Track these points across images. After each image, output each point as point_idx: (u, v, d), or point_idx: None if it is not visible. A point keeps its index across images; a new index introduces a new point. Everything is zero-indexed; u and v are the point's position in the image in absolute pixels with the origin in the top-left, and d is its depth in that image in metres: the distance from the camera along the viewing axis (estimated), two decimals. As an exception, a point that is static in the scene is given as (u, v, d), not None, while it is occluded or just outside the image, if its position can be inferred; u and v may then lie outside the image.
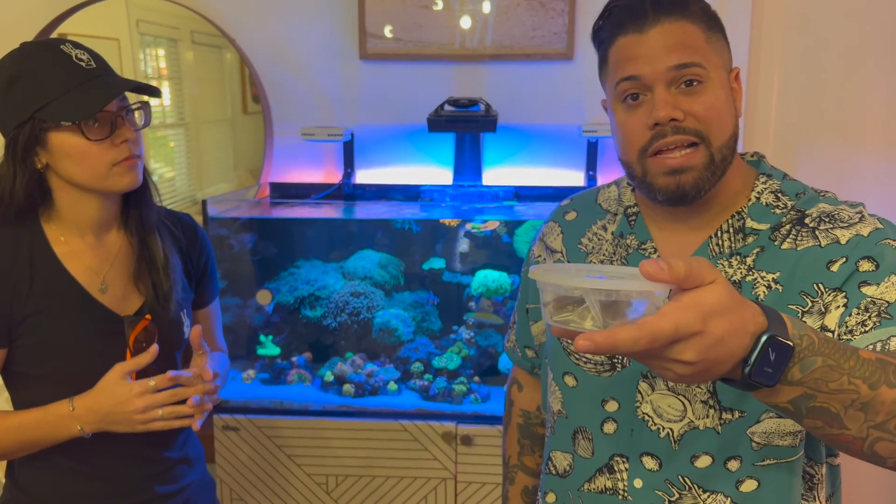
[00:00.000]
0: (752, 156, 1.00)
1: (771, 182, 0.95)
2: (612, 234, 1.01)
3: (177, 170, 2.35)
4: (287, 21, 2.13)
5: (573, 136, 2.12)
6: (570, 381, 1.00)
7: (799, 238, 0.89)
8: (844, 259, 0.86)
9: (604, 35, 0.93)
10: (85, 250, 1.16)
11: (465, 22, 2.07)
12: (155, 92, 1.14)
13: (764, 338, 0.62)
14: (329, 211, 2.13)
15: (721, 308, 0.60)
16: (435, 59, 2.12)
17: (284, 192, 2.18)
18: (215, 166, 2.34)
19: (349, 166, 2.17)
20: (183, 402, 1.10)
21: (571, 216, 1.09)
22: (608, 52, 0.92)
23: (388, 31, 2.09)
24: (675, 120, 0.86)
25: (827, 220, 0.91)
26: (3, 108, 1.09)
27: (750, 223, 0.92)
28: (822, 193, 0.96)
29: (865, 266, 0.84)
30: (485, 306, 2.04)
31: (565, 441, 1.01)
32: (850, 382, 0.66)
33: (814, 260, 0.87)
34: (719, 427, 0.89)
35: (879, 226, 0.89)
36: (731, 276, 0.90)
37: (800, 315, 0.86)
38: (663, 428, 0.92)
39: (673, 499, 0.92)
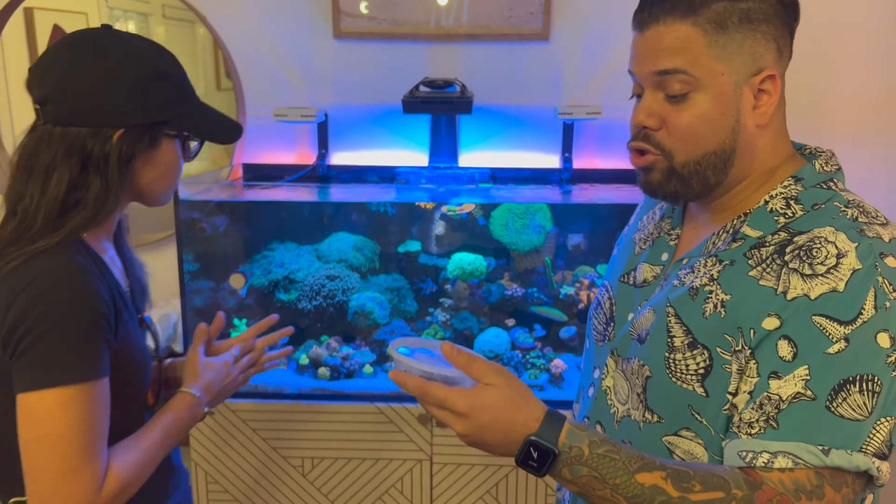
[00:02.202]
0: (808, 151, 0.92)
1: (793, 186, 0.87)
2: (659, 216, 1.04)
3: (148, 148, 2.31)
4: (259, -2, 2.09)
5: (549, 118, 2.11)
6: (587, 343, 1.08)
7: (767, 270, 0.83)
8: (778, 324, 0.79)
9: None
10: (113, 256, 1.15)
11: None
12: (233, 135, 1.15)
13: (527, 440, 0.77)
14: (303, 193, 2.11)
15: (491, 405, 0.78)
16: (410, 39, 2.09)
17: (258, 174, 2.15)
18: (188, 144, 2.31)
19: (323, 147, 2.14)
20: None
21: None
22: None
23: (363, 8, 2.06)
24: (647, 128, 0.88)
25: (802, 257, 0.81)
26: (135, 101, 1.01)
27: (745, 228, 0.87)
28: (846, 208, 0.83)
29: (784, 350, 0.78)
30: (461, 289, 2.03)
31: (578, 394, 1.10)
32: (612, 496, 0.76)
33: (762, 303, 0.81)
34: (641, 424, 0.90)
35: (836, 288, 0.78)
36: (693, 281, 0.88)
37: (731, 350, 0.82)
38: (614, 405, 0.96)
39: None
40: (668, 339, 0.87)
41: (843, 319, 0.77)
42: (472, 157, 2.17)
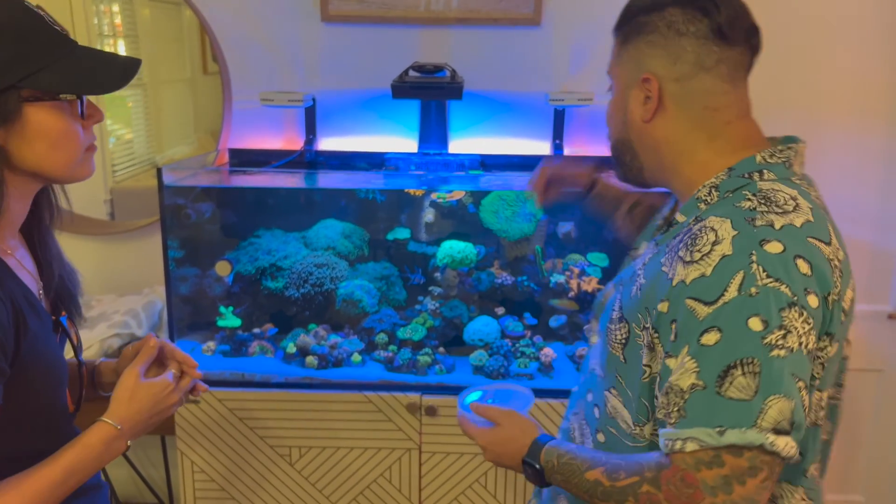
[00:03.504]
0: (779, 145, 0.99)
1: (723, 175, 0.96)
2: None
3: (135, 132, 2.27)
4: (245, -20, 2.04)
5: (540, 104, 2.09)
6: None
7: (669, 256, 0.93)
8: (667, 307, 0.90)
9: None
10: (23, 255, 1.03)
11: (431, -16, 2.01)
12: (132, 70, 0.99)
13: (523, 460, 1.05)
14: (290, 179, 2.08)
15: (498, 440, 1.10)
16: (400, 23, 2.05)
17: (244, 159, 2.12)
18: (175, 128, 2.27)
19: (311, 133, 2.11)
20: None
21: None
22: None
23: (351, -8, 2.02)
24: None
25: (688, 244, 0.90)
26: None
27: (677, 215, 1.00)
28: (751, 197, 0.91)
29: (671, 331, 0.89)
30: (450, 277, 2.01)
31: None
32: (577, 490, 0.97)
33: (660, 288, 0.92)
34: (598, 378, 1.08)
35: (705, 273, 0.86)
36: (635, 264, 1.03)
37: (641, 327, 0.95)
38: (592, 360, 1.13)
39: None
40: (611, 312, 1.03)
41: (707, 300, 0.85)
42: (462, 144, 2.15)
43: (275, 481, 1.88)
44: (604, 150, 2.10)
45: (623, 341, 0.99)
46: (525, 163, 2.11)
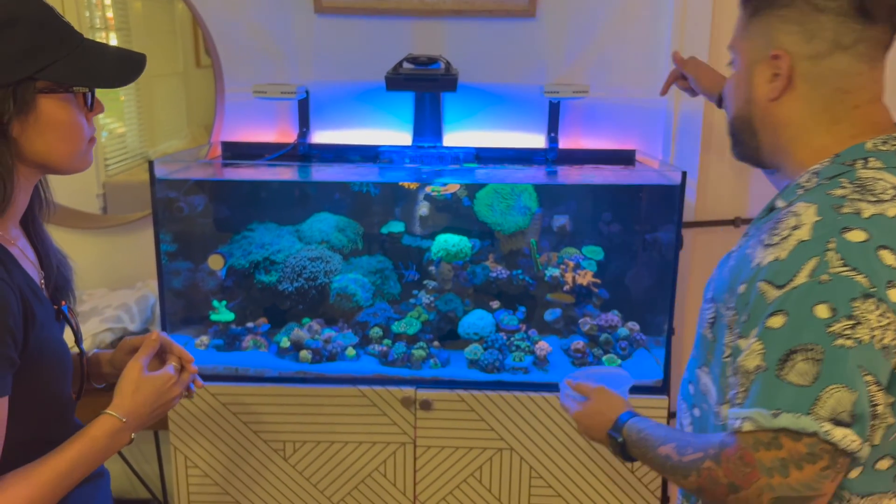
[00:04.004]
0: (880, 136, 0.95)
1: (826, 161, 0.94)
2: None
3: (127, 125, 2.26)
4: (237, -30, 2.02)
5: (535, 96, 2.08)
6: None
7: (756, 238, 0.94)
8: (744, 287, 0.91)
9: None
10: (25, 245, 1.04)
11: (425, -25, 1.99)
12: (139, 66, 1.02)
13: (607, 433, 1.12)
14: (284, 172, 2.06)
15: (586, 414, 1.18)
16: (393, 14, 2.04)
17: (237, 152, 2.10)
18: (168, 122, 2.25)
19: (304, 125, 2.09)
20: None
21: None
22: None
23: (344, -16, 2.00)
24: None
25: (771, 228, 0.91)
26: None
27: (777, 199, 0.99)
28: (846, 185, 0.89)
29: (744, 313, 0.91)
30: (445, 271, 2.01)
31: None
32: (651, 463, 1.03)
33: (744, 269, 0.93)
34: (696, 358, 1.10)
35: (780, 256, 0.87)
36: (734, 248, 1.04)
37: (725, 306, 0.97)
38: None
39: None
40: (707, 293, 1.05)
41: (778, 284, 0.86)
42: (457, 137, 2.13)
43: (269, 476, 1.87)
44: (598, 143, 2.12)
45: (711, 320, 1.01)
46: (520, 156, 2.10)
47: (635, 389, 1.79)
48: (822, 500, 0.85)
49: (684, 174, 1.73)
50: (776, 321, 0.85)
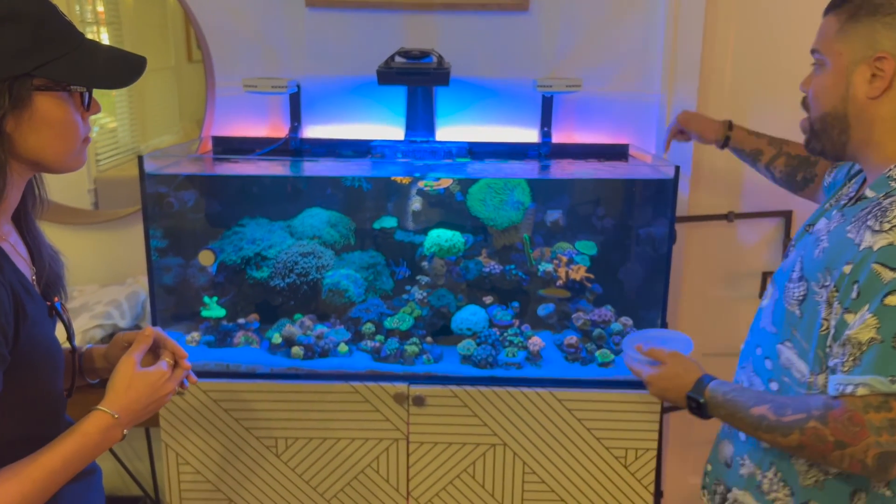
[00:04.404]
0: None
1: None
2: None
3: (119, 120, 2.24)
4: (227, -37, 2.00)
5: (528, 90, 2.07)
6: None
7: (856, 225, 1.06)
8: (851, 269, 1.03)
9: None
10: (17, 241, 1.04)
11: (417, -32, 1.98)
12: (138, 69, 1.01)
13: (686, 395, 1.24)
14: (275, 167, 2.05)
15: (661, 377, 1.31)
16: (385, 8, 2.02)
17: (228, 147, 2.09)
18: (160, 117, 2.24)
19: (296, 120, 2.08)
20: None
21: None
22: None
23: (335, -23, 1.98)
24: (803, 90, 1.20)
25: (878, 215, 1.03)
26: None
27: (866, 190, 1.11)
28: None
29: (853, 291, 1.02)
30: (438, 266, 2.00)
31: None
32: (741, 423, 1.15)
33: (846, 251, 1.05)
34: (769, 334, 1.22)
35: (893, 242, 0.98)
36: (819, 230, 1.16)
37: (820, 285, 1.08)
38: (764, 318, 1.27)
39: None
40: (790, 273, 1.17)
41: (892, 266, 0.98)
42: (450, 132, 2.12)
43: (261, 473, 1.86)
44: (591, 138, 2.12)
45: (800, 298, 1.13)
46: (513, 150, 2.09)
47: (628, 385, 1.81)
48: None
49: (678, 168, 1.73)
50: (892, 300, 0.97)
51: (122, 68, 1.00)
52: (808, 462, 1.12)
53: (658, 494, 2.30)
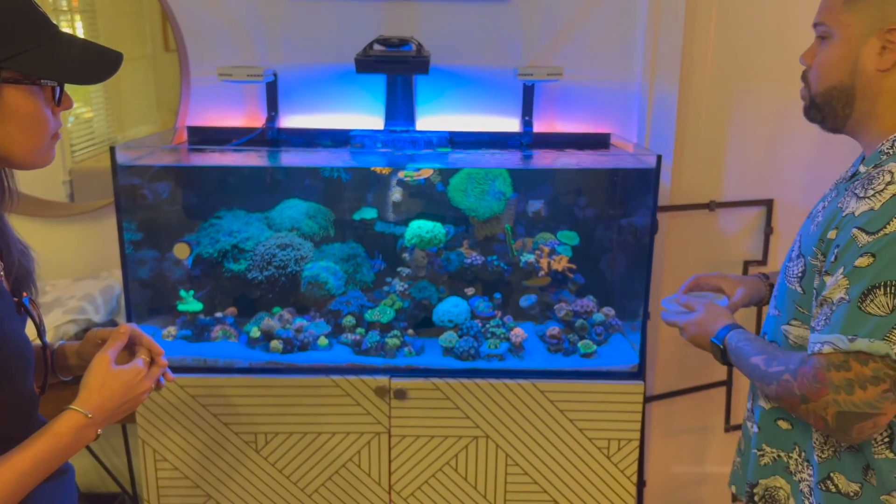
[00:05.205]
0: None
1: None
2: None
3: (95, 110, 2.19)
4: (200, -51, 1.95)
5: (509, 79, 2.04)
6: None
7: (846, 195, 1.07)
8: (835, 234, 1.05)
9: None
10: None
11: (396, -46, 1.94)
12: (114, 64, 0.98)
13: (711, 340, 1.28)
14: (252, 157, 2.01)
15: (695, 322, 1.34)
16: (364, -5, 1.99)
17: (203, 137, 2.04)
18: (136, 107, 2.19)
19: (273, 109, 2.04)
20: None
21: None
22: None
23: (312, -37, 1.94)
24: (804, 67, 1.18)
25: (864, 184, 1.04)
26: None
27: (861, 165, 1.11)
28: None
29: (831, 254, 1.04)
30: (419, 258, 1.97)
31: None
32: (744, 369, 1.20)
33: (833, 219, 1.06)
34: (773, 317, 1.24)
35: (874, 207, 1.00)
36: (817, 208, 1.17)
37: (815, 257, 1.10)
38: (772, 303, 1.29)
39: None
40: (791, 252, 1.18)
41: (870, 230, 1.00)
42: (430, 121, 2.10)
43: (241, 468, 1.84)
44: (573, 127, 2.10)
45: (799, 275, 1.14)
46: (494, 140, 2.07)
47: (611, 375, 1.80)
48: (883, 419, 1.00)
49: (659, 157, 1.72)
50: (864, 261, 0.99)
51: (96, 63, 0.97)
52: (824, 434, 1.13)
53: (641, 484, 2.30)
